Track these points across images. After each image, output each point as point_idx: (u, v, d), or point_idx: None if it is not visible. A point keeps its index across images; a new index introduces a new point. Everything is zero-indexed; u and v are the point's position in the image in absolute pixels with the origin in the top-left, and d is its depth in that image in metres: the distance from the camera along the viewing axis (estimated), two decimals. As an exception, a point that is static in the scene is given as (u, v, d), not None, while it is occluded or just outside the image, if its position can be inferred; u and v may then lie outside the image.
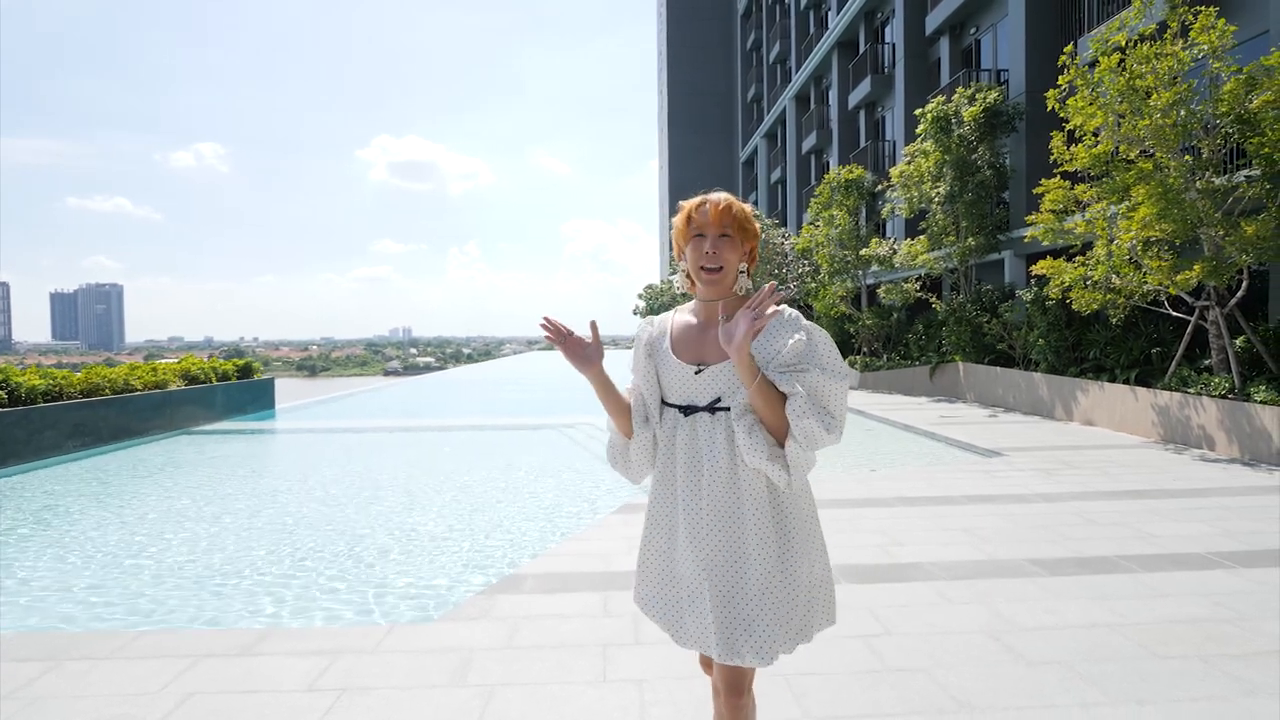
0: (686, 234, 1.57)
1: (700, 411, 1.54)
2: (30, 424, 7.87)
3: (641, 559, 1.66)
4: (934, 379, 14.05)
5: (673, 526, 1.59)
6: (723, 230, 1.52)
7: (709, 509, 1.51)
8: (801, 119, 29.23)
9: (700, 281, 1.56)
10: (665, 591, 1.61)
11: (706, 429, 1.53)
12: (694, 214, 1.55)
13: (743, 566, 1.50)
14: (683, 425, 1.56)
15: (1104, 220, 8.64)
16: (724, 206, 1.53)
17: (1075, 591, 3.36)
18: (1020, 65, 14.17)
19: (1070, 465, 6.62)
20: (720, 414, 1.52)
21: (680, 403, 1.57)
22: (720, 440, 1.51)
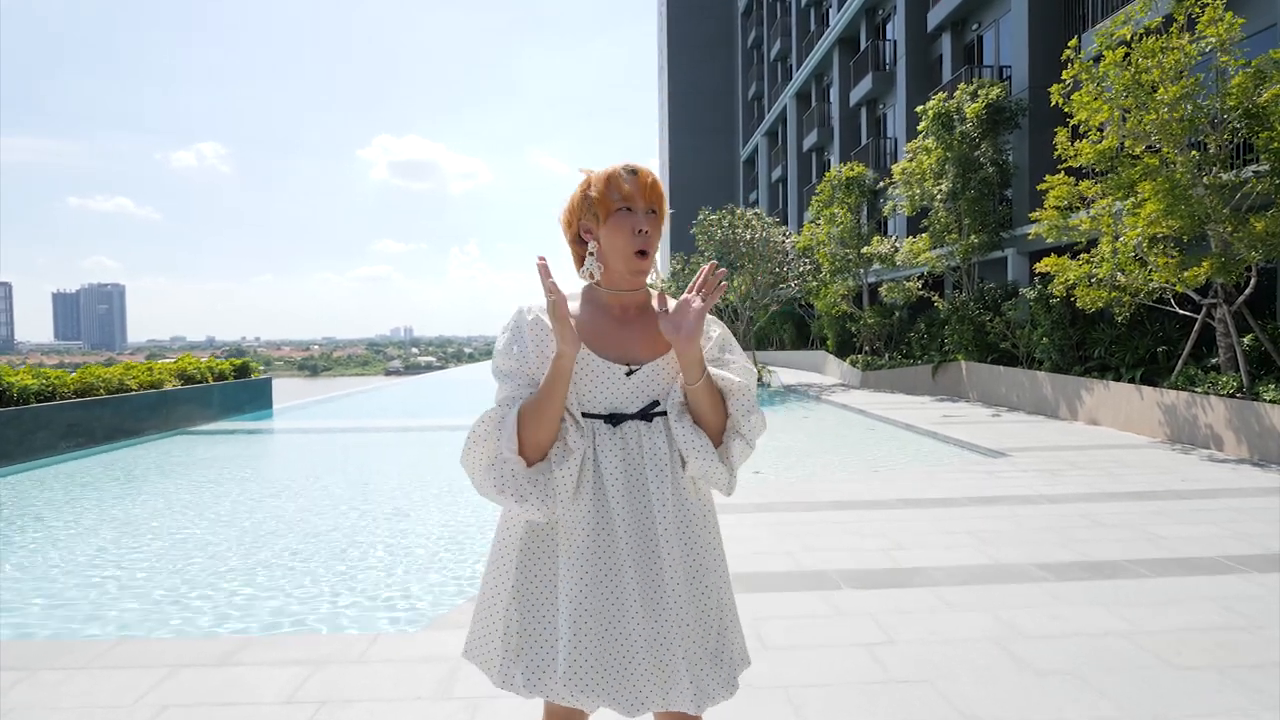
0: (607, 205, 1.26)
1: (632, 420, 1.30)
2: (23, 424, 7.79)
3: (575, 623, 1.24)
4: (936, 378, 13.94)
5: (613, 570, 1.26)
6: (651, 206, 1.28)
7: (669, 533, 1.27)
8: (802, 117, 29.11)
9: (628, 270, 1.28)
10: (609, 654, 1.26)
11: (646, 440, 1.29)
12: (616, 180, 1.26)
13: (703, 590, 1.31)
14: (609, 439, 1.29)
15: (1109, 217, 8.52)
16: (654, 180, 1.28)
17: (1083, 597, 3.26)
18: (1023, 61, 14.04)
19: (1076, 466, 6.51)
20: (658, 420, 1.31)
21: (602, 411, 1.30)
22: (664, 450, 1.29)
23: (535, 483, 1.25)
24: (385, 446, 9.55)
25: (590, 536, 1.28)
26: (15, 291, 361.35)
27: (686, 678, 1.25)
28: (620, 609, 1.27)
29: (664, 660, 1.26)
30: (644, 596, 1.26)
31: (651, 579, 1.27)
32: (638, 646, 1.26)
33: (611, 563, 1.27)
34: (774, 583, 3.52)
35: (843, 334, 19.35)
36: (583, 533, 1.28)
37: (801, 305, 23.00)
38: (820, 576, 3.60)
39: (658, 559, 1.28)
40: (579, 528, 1.28)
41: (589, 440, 1.29)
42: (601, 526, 1.28)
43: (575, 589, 1.26)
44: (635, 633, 1.26)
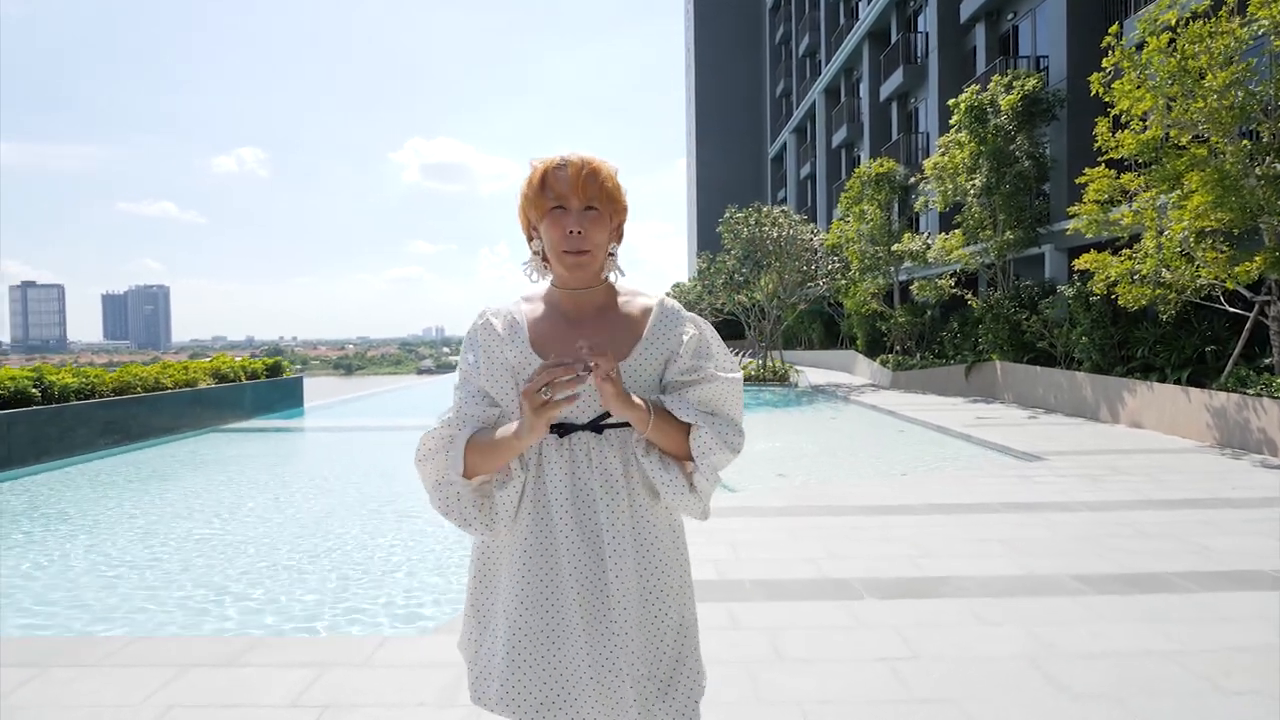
0: (541, 205, 1.20)
1: (581, 430, 1.21)
2: (63, 421, 8.02)
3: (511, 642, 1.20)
4: (969, 379, 13.56)
5: (552, 590, 1.21)
6: (588, 203, 1.19)
7: (620, 553, 1.18)
8: (831, 113, 28.67)
9: (563, 266, 1.21)
10: (549, 677, 1.20)
11: (595, 453, 1.20)
12: (550, 178, 1.19)
13: (657, 614, 1.21)
14: (555, 451, 1.21)
15: (1153, 210, 8.15)
16: (589, 171, 1.18)
17: (1125, 613, 3.07)
18: (1061, 50, 13.57)
19: (1117, 471, 6.22)
20: (609, 432, 1.21)
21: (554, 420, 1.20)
22: (615, 465, 1.20)
23: (479, 506, 1.22)
24: (409, 446, 9.62)
25: (529, 555, 1.21)
26: (67, 293, 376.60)
27: (634, 709, 1.17)
28: (560, 632, 1.21)
29: (609, 688, 1.18)
30: (587, 619, 1.19)
31: (596, 601, 1.19)
32: (580, 672, 1.19)
33: (551, 583, 1.21)
34: (793, 590, 3.40)
35: (873, 333, 18.98)
36: (520, 550, 1.22)
37: (830, 304, 22.64)
38: (842, 585, 3.47)
39: (604, 581, 1.19)
40: (517, 545, 1.23)
41: (534, 451, 1.22)
42: (542, 544, 1.21)
43: (512, 607, 1.22)
44: (578, 657, 1.20)
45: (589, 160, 1.20)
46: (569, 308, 1.27)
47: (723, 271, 19.14)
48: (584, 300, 1.26)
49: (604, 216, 1.21)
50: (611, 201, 1.22)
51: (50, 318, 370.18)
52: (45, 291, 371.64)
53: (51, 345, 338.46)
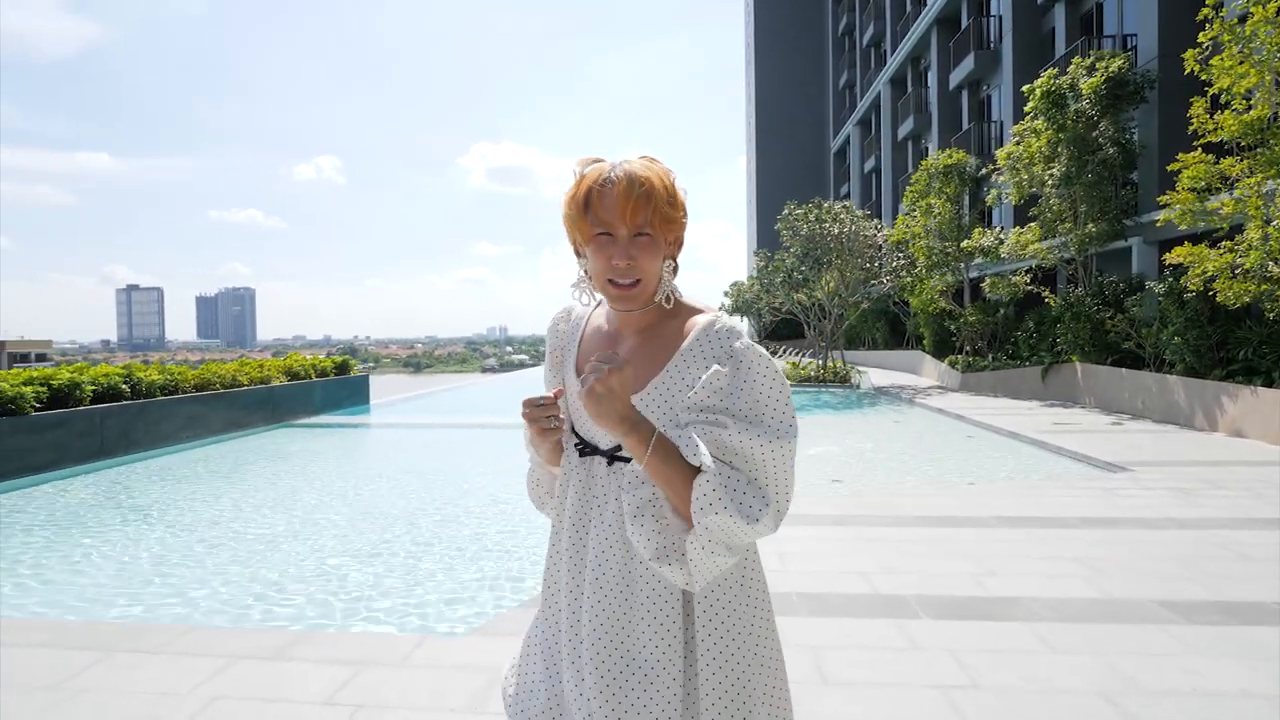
0: (585, 227, 1.05)
1: (597, 455, 1.11)
2: (149, 416, 8.57)
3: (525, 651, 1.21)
4: (1046, 381, 12.76)
5: (554, 609, 1.17)
6: (639, 229, 1.03)
7: (592, 597, 1.06)
8: (897, 103, 27.65)
9: (607, 297, 1.10)
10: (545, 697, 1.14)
11: (600, 484, 1.10)
12: (594, 200, 1.03)
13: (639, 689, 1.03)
14: (574, 471, 1.14)
15: (1258, 198, 7.42)
16: (640, 196, 1.02)
17: (1219, 647, 2.75)
18: (1152, 26, 12.59)
19: (1214, 485, 5.68)
20: (619, 465, 1.08)
21: (579, 434, 1.15)
22: (609, 506, 1.08)
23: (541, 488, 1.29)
24: (470, 444, 9.82)
25: (550, 570, 1.22)
26: (165, 296, 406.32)
27: None
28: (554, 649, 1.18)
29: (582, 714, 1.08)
30: (569, 644, 1.13)
31: (572, 632, 1.12)
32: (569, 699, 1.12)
33: (553, 602, 1.20)
34: (842, 607, 3.22)
35: (940, 333, 18.17)
36: (550, 560, 1.22)
37: (895, 303, 21.82)
38: (897, 602, 3.26)
39: (578, 618, 1.11)
40: (549, 558, 1.23)
41: (570, 463, 1.18)
42: (553, 561, 1.21)
43: (540, 626, 1.22)
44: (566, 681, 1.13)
45: (639, 178, 1.03)
46: (617, 324, 1.16)
47: (781, 270, 18.74)
48: (628, 321, 1.14)
49: (657, 241, 1.06)
50: (666, 223, 1.07)
51: (151, 318, 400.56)
52: (147, 294, 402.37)
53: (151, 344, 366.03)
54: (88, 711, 2.39)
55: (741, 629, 1.06)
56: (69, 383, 7.60)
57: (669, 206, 1.06)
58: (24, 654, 2.82)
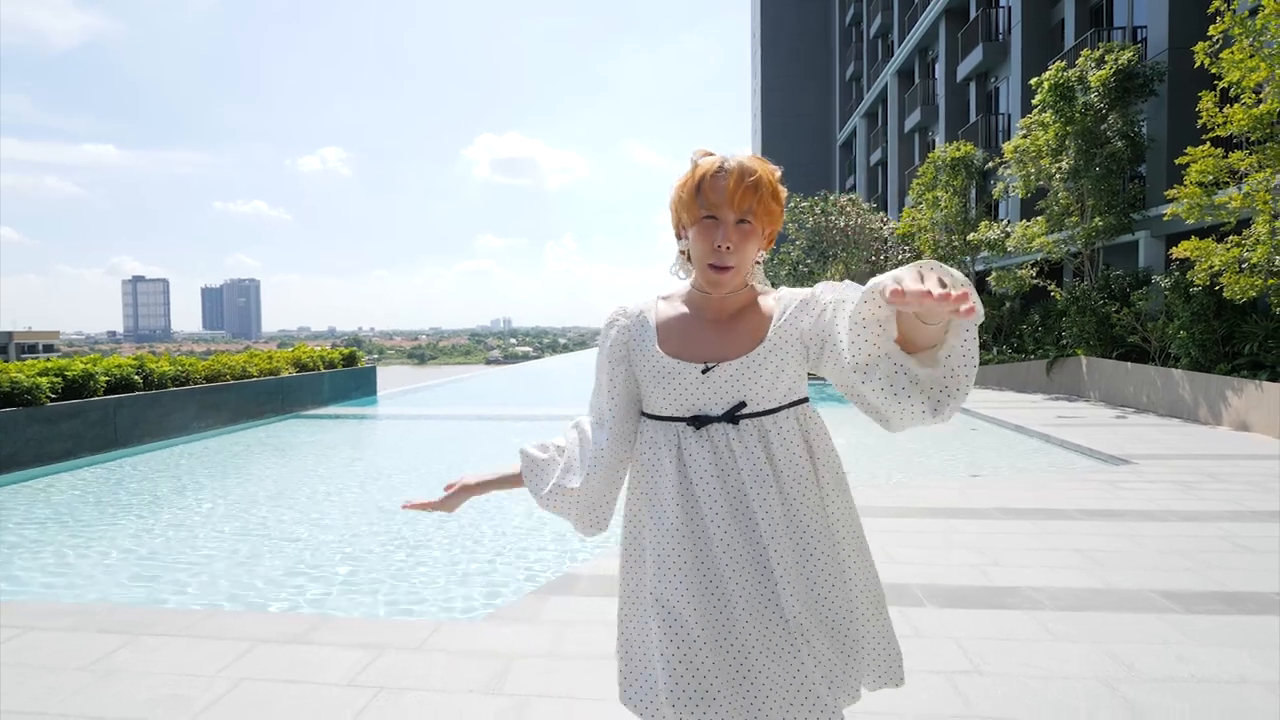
0: (693, 211, 1.19)
1: (716, 422, 1.21)
2: (161, 406, 8.68)
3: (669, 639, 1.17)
4: (1051, 375, 12.77)
5: (713, 581, 1.20)
6: (743, 215, 1.16)
7: (779, 541, 1.18)
8: (904, 95, 27.49)
9: (705, 280, 1.22)
10: (719, 668, 1.17)
11: (737, 444, 1.20)
12: (706, 186, 1.17)
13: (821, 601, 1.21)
14: (694, 442, 1.21)
15: (1266, 192, 7.41)
16: (750, 183, 1.14)
17: (1218, 636, 2.81)
18: (1162, 19, 12.50)
19: (1217, 478, 5.72)
20: (746, 422, 1.20)
21: (682, 414, 1.23)
22: (758, 452, 1.19)
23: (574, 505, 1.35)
24: (476, 433, 9.92)
25: (681, 545, 1.20)
26: (171, 287, 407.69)
27: (823, 688, 1.16)
28: (727, 622, 1.18)
29: (792, 676, 1.16)
30: (755, 608, 1.17)
31: (763, 589, 1.18)
32: (755, 659, 1.17)
33: (711, 573, 1.19)
34: (849, 595, 3.28)
35: (945, 326, 18.15)
36: (673, 539, 1.21)
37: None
38: (901, 590, 3.33)
39: (768, 568, 1.18)
40: (669, 534, 1.21)
41: (665, 444, 1.24)
42: (696, 534, 1.21)
43: (669, 602, 1.19)
44: (751, 645, 1.17)
45: (749, 169, 1.16)
46: (705, 307, 1.26)
47: (787, 262, 18.74)
48: (723, 303, 1.25)
49: (757, 230, 1.19)
50: (767, 215, 1.19)
51: (157, 309, 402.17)
52: (153, 285, 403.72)
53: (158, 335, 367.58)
54: (119, 691, 2.47)
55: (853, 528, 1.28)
56: (83, 374, 7.70)
57: (772, 200, 1.19)
58: (55, 637, 2.91)
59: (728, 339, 1.24)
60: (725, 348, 1.23)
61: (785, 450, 1.21)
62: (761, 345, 1.21)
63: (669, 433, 1.23)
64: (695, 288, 1.27)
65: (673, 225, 1.27)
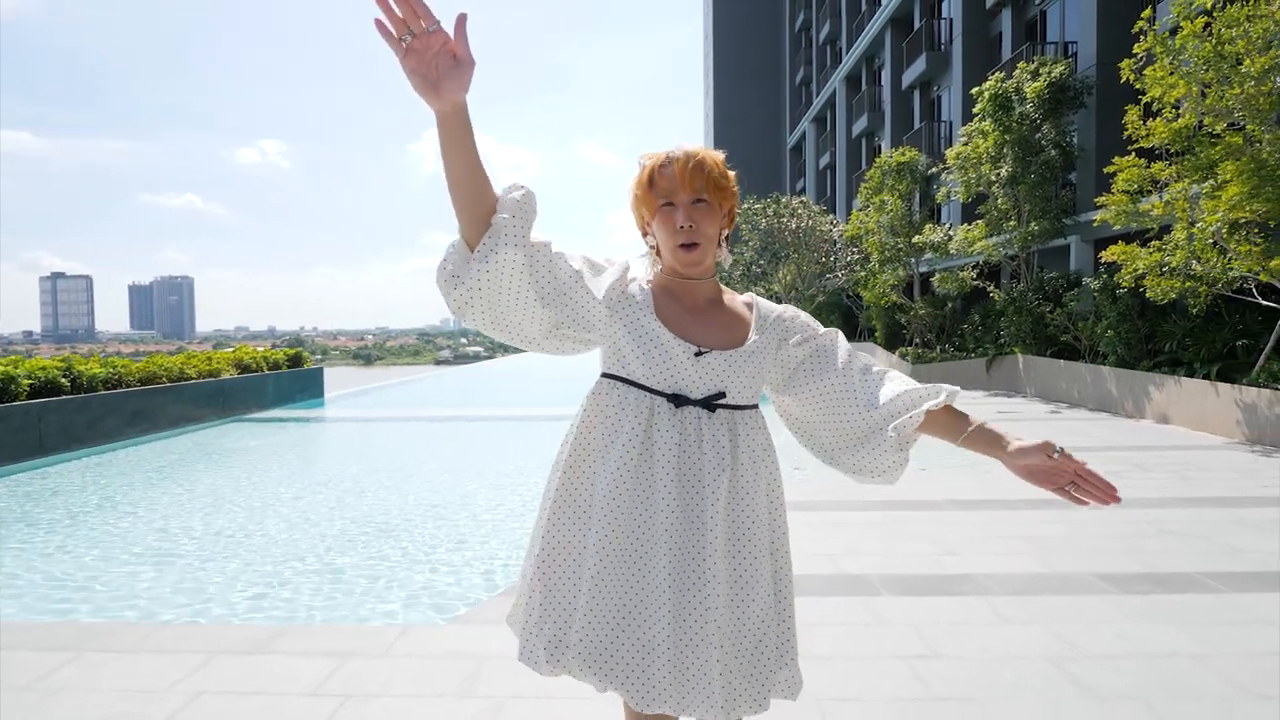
0: (651, 202, 1.26)
1: (692, 406, 1.24)
2: (92, 410, 8.20)
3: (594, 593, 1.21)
4: (991, 372, 13.37)
5: (644, 551, 1.21)
6: (697, 195, 1.23)
7: (718, 530, 1.21)
8: (852, 101, 28.28)
9: (678, 262, 1.28)
10: (627, 636, 1.21)
11: (707, 429, 1.23)
12: (657, 177, 1.24)
13: (745, 596, 1.25)
14: (666, 419, 1.23)
15: (1185, 201, 7.95)
16: (695, 164, 1.22)
17: (1151, 614, 3.02)
18: (1090, 36, 13.25)
19: (1143, 468, 6.11)
20: (721, 412, 1.26)
21: (666, 389, 1.25)
22: (724, 442, 1.24)
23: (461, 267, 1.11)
24: (429, 436, 9.72)
25: (627, 512, 1.22)
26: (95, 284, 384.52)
27: (718, 683, 1.18)
28: (645, 594, 1.21)
29: (689, 661, 1.19)
30: (675, 588, 1.20)
31: (690, 571, 1.21)
32: (660, 638, 1.19)
33: (645, 544, 1.22)
34: (811, 586, 3.38)
35: (892, 325, 18.78)
36: (620, 507, 1.22)
37: (849, 296, 22.42)
38: (860, 581, 3.44)
39: (701, 553, 1.21)
40: (617, 500, 1.22)
41: (645, 415, 1.24)
42: (642, 505, 1.23)
43: (600, 562, 1.22)
44: (659, 622, 1.20)
45: (693, 153, 1.24)
46: (681, 294, 1.33)
47: (741, 262, 19.03)
48: (698, 290, 1.33)
49: (713, 207, 1.26)
50: (719, 190, 1.26)
51: (79, 308, 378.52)
52: (74, 282, 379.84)
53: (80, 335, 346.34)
54: (67, 709, 2.34)
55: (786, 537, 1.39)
56: (3, 376, 7.22)
57: (721, 177, 1.26)
58: (-14, 655, 2.73)
59: (713, 329, 1.29)
60: (713, 337, 1.29)
61: (747, 445, 1.27)
62: (749, 343, 1.29)
63: (642, 404, 1.24)
64: (666, 274, 1.33)
65: (637, 227, 1.34)
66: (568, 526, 1.28)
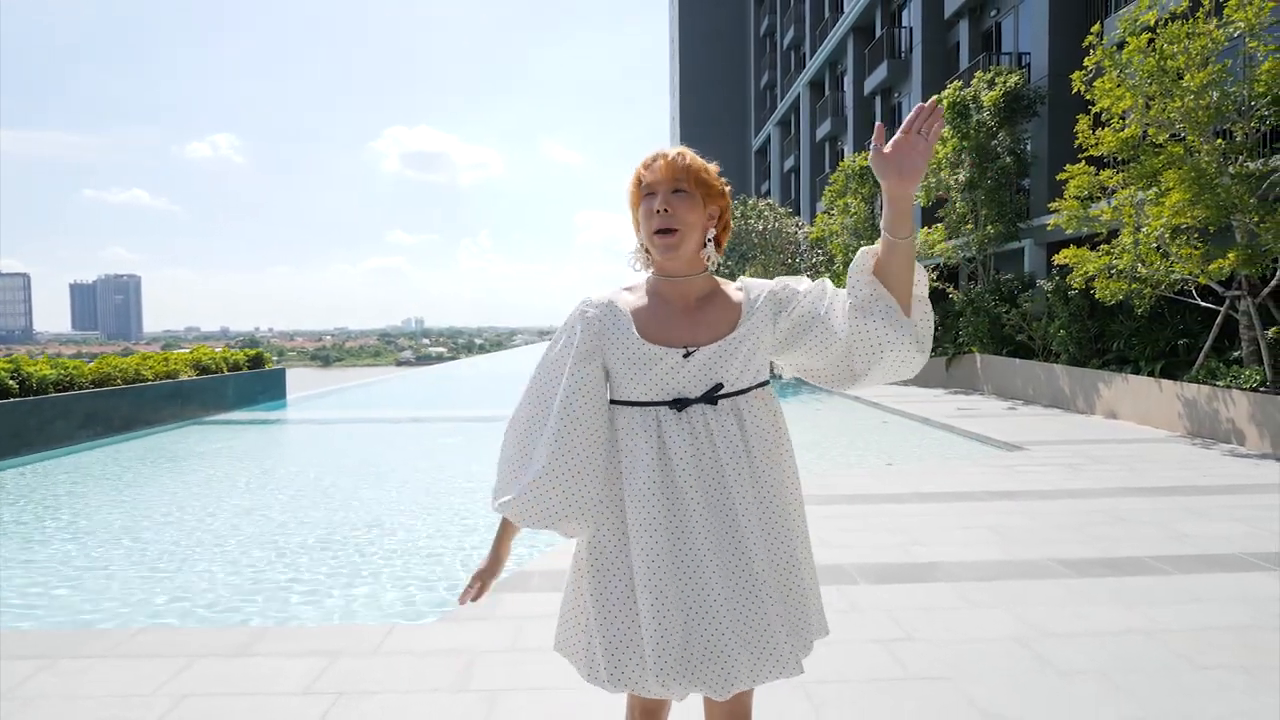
0: (636, 196, 1.34)
1: (696, 404, 1.29)
2: (42, 413, 7.89)
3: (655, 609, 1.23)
4: (950, 370, 13.81)
5: (690, 556, 1.26)
6: (676, 185, 1.29)
7: (750, 513, 1.27)
8: (816, 106, 28.80)
9: (655, 249, 1.30)
10: (696, 639, 1.24)
11: (715, 423, 1.28)
12: (644, 173, 1.32)
13: (786, 564, 1.31)
14: (674, 424, 1.28)
15: (1131, 207, 8.37)
16: (676, 155, 1.29)
17: (1105, 595, 3.21)
18: (1043, 48, 13.79)
19: (1095, 460, 6.42)
20: (724, 402, 1.30)
21: (663, 398, 1.29)
22: (734, 429, 1.29)
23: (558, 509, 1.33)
24: (397, 438, 9.60)
25: (663, 523, 1.26)
26: (34, 283, 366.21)
27: (786, 646, 1.26)
28: (703, 594, 1.25)
29: (759, 637, 1.25)
30: (728, 578, 1.26)
31: (736, 560, 1.26)
32: (725, 628, 1.24)
33: (688, 548, 1.26)
34: (790, 577, 3.49)
35: (855, 326, 19.21)
36: (655, 520, 1.25)
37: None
38: (836, 571, 3.57)
39: (740, 540, 1.27)
40: (650, 514, 1.26)
41: (643, 427, 1.29)
42: (674, 512, 1.27)
43: (653, 577, 1.24)
44: (722, 615, 1.24)
45: (680, 151, 1.30)
46: (671, 295, 1.35)
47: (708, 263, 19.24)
48: (689, 289, 1.35)
49: (694, 198, 1.29)
50: (702, 184, 1.30)
51: (15, 307, 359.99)
52: (10, 280, 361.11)
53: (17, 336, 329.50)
54: (43, 718, 2.29)
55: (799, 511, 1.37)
56: (-52, 377, 6.90)
57: (704, 172, 1.31)
58: (-47, 663, 2.65)
59: (702, 324, 1.32)
60: (701, 333, 1.31)
61: (756, 426, 1.31)
62: (737, 330, 1.31)
63: (648, 417, 1.28)
64: (656, 273, 1.37)
65: (633, 226, 1.38)
66: (610, 550, 1.31)
